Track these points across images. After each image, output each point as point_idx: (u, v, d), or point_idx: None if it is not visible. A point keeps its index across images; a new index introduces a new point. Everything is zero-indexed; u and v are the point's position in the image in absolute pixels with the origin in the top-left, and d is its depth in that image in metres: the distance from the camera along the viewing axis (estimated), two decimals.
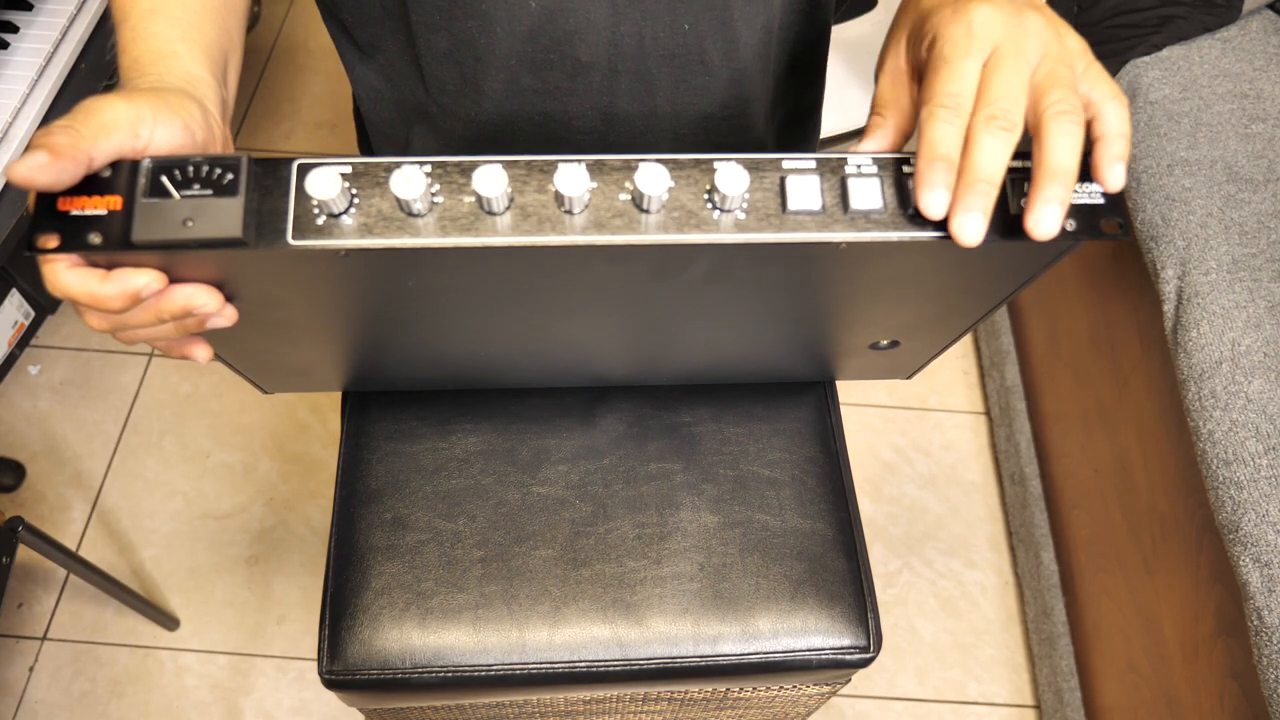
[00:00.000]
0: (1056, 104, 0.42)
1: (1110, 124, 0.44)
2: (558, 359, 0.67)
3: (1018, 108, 0.42)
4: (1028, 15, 0.44)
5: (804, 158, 0.44)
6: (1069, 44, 0.45)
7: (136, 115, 0.42)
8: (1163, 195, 1.03)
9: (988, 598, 1.39)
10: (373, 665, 0.68)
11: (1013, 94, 0.42)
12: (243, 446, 1.46)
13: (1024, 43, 0.43)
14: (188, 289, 0.44)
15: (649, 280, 0.49)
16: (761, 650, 0.70)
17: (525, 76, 0.62)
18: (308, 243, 0.41)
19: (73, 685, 1.28)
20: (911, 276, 0.49)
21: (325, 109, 1.81)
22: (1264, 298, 0.94)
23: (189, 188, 0.40)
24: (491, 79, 0.62)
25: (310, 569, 1.37)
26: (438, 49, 0.62)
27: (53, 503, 1.40)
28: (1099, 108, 0.44)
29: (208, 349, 0.51)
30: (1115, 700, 1.15)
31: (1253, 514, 0.85)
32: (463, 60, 0.62)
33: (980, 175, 0.41)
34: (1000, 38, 0.43)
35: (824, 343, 0.65)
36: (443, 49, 0.61)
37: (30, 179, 0.39)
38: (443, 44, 0.61)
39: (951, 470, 1.49)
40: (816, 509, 0.75)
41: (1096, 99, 0.44)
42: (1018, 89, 0.42)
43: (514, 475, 0.74)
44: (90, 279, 0.41)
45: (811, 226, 0.43)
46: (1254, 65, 1.10)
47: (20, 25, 1.08)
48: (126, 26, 0.50)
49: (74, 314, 1.55)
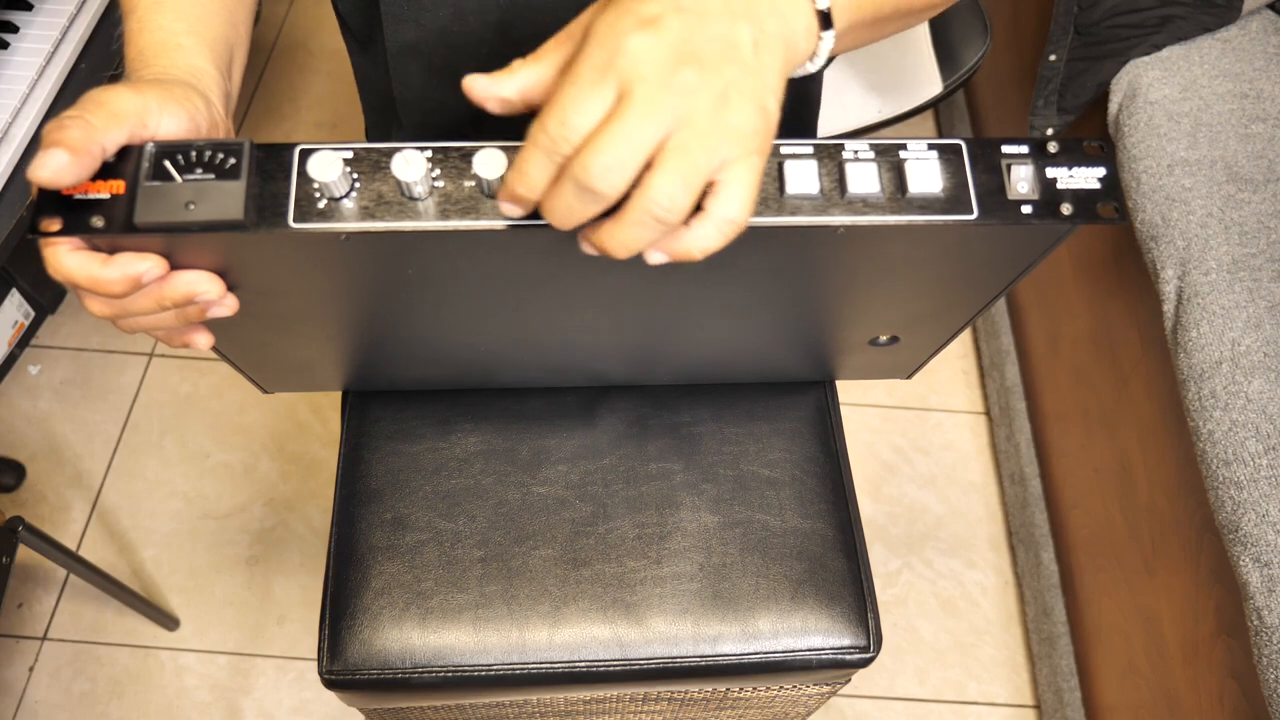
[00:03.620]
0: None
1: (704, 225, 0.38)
2: (557, 356, 0.67)
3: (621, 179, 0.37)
4: (701, 57, 0.36)
5: (801, 143, 0.44)
6: (736, 115, 0.37)
7: (144, 105, 0.42)
8: (1163, 195, 1.03)
9: (988, 598, 1.39)
10: (373, 665, 0.68)
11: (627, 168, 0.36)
12: (243, 446, 1.46)
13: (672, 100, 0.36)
14: (189, 275, 0.44)
15: (647, 270, 0.49)
16: (761, 650, 0.70)
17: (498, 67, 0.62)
18: (309, 226, 0.41)
19: (73, 685, 1.28)
20: (909, 263, 0.49)
21: (325, 108, 1.81)
22: (1264, 298, 0.94)
23: (191, 171, 0.41)
24: (464, 69, 0.62)
25: (310, 569, 1.37)
26: (403, 40, 0.61)
27: (53, 503, 1.40)
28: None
29: (209, 336, 0.51)
30: (1115, 700, 1.15)
31: (1253, 514, 0.85)
32: (431, 52, 0.61)
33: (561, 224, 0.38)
34: (649, 76, 0.36)
35: (823, 339, 0.65)
36: (408, 40, 0.61)
37: (55, 180, 0.39)
38: (409, 35, 0.61)
39: (951, 470, 1.49)
40: (816, 509, 0.75)
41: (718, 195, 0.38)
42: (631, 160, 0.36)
43: (514, 475, 0.74)
44: (92, 263, 0.41)
45: (809, 210, 0.43)
46: (1254, 65, 1.10)
47: (20, 25, 1.08)
48: (134, 18, 0.50)
49: (74, 314, 1.55)
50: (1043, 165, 0.44)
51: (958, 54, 1.42)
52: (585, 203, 0.37)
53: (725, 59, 0.37)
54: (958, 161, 0.44)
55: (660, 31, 0.37)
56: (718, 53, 0.37)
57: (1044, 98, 1.22)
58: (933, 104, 1.42)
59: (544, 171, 0.38)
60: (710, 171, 0.37)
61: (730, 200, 0.38)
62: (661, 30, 0.37)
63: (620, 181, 0.37)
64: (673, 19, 0.37)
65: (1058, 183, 0.44)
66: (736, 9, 0.38)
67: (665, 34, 0.37)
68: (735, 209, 0.38)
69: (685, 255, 0.39)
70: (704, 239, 0.39)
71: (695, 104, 0.37)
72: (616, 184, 0.37)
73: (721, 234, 0.39)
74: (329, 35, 1.89)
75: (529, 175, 0.38)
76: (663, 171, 0.36)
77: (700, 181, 0.37)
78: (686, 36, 0.37)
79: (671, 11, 0.37)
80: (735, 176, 0.38)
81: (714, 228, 0.38)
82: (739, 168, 0.38)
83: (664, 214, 0.37)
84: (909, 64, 1.44)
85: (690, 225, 0.38)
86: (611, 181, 0.36)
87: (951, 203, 0.43)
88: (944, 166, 0.44)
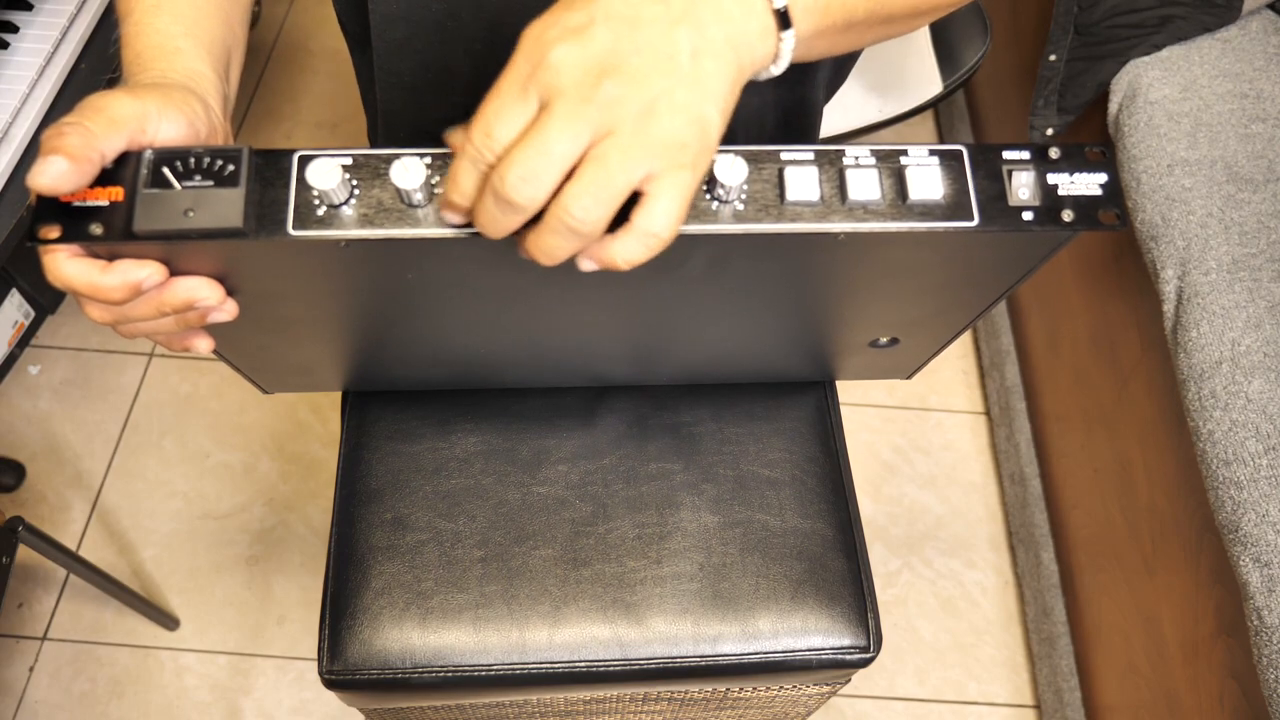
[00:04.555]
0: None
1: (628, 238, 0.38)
2: (557, 357, 0.67)
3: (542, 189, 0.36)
4: (623, 71, 0.36)
5: (802, 149, 0.44)
6: (663, 127, 0.36)
7: (143, 110, 0.42)
8: (1163, 195, 1.03)
9: (988, 598, 1.39)
10: (373, 665, 0.68)
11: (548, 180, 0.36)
12: (243, 446, 1.46)
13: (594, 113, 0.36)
14: (189, 281, 0.44)
15: (648, 273, 0.49)
16: (761, 650, 0.70)
17: (492, 66, 0.62)
18: (308, 233, 0.41)
19: (73, 685, 1.28)
20: (909, 269, 0.49)
21: (325, 109, 1.81)
22: (1264, 298, 0.94)
23: (190, 178, 0.41)
24: (458, 66, 0.62)
25: (310, 569, 1.37)
26: (394, 37, 0.61)
27: (53, 503, 1.40)
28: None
29: (209, 340, 0.51)
30: (1115, 700, 1.15)
31: (1253, 514, 0.85)
32: (424, 49, 0.61)
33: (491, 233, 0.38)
34: (569, 88, 0.36)
35: (824, 340, 0.65)
36: (399, 38, 0.61)
37: (55, 187, 0.39)
38: (399, 33, 0.61)
39: (951, 470, 1.49)
40: (816, 509, 0.75)
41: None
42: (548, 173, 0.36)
43: (514, 475, 0.74)
44: (91, 270, 0.41)
45: (810, 217, 0.43)
46: (1254, 65, 1.10)
47: (20, 25, 1.08)
48: (130, 21, 0.50)
49: (74, 314, 1.55)
50: (1044, 171, 0.44)
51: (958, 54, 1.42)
52: (506, 213, 0.37)
53: (656, 69, 0.37)
54: (959, 168, 0.44)
55: (585, 42, 0.36)
56: (648, 63, 0.36)
57: (1044, 98, 1.22)
58: (933, 104, 1.42)
59: (471, 181, 0.38)
60: (630, 185, 0.37)
61: (652, 214, 0.37)
62: (587, 40, 0.36)
63: (536, 194, 0.36)
64: (601, 28, 0.36)
65: (1059, 189, 0.44)
66: (675, 14, 0.37)
67: (590, 44, 0.36)
68: (657, 223, 0.37)
69: (611, 265, 0.39)
70: (627, 251, 0.38)
71: (618, 116, 0.36)
72: (532, 196, 0.36)
73: (645, 247, 0.38)
74: (329, 35, 1.89)
75: (458, 184, 0.39)
76: (576, 185, 0.36)
77: (616, 195, 0.37)
78: (613, 47, 0.36)
79: (601, 20, 0.37)
80: (661, 190, 0.37)
81: (636, 241, 0.38)
82: (665, 181, 0.37)
83: (578, 226, 0.37)
84: (909, 64, 1.44)
85: (616, 235, 0.38)
86: (527, 194, 0.36)
87: (952, 209, 0.43)
88: (945, 173, 0.44)
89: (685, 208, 0.38)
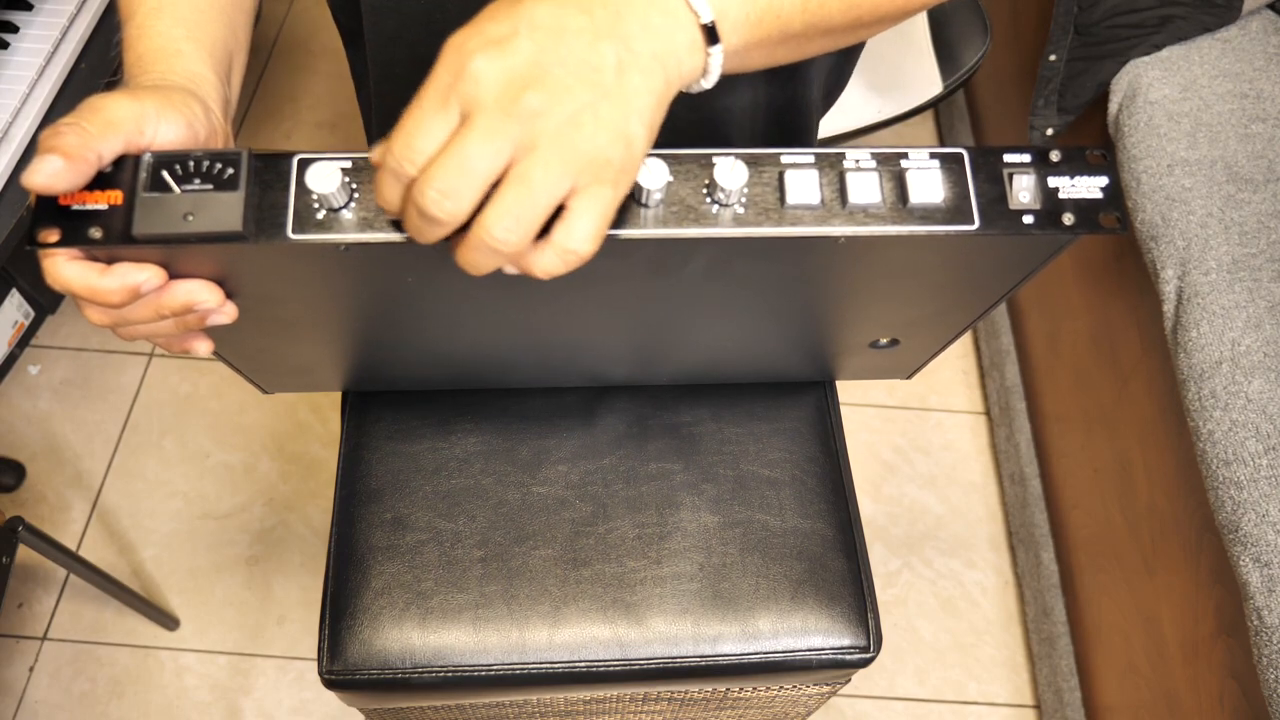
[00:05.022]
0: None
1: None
2: (557, 358, 0.67)
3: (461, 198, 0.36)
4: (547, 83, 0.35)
5: (802, 152, 0.44)
6: (586, 141, 0.36)
7: (141, 112, 0.42)
8: (1163, 195, 1.03)
9: (988, 598, 1.39)
10: (373, 665, 0.68)
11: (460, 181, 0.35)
12: (243, 446, 1.46)
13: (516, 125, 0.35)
14: (188, 285, 0.44)
15: (648, 275, 0.49)
16: (761, 650, 0.70)
17: None
18: (308, 237, 0.41)
19: (73, 685, 1.28)
20: (910, 271, 0.49)
21: (326, 109, 1.81)
22: (1264, 298, 0.94)
23: (190, 182, 0.40)
24: None
25: (310, 569, 1.37)
26: (386, 31, 0.61)
27: (53, 503, 1.40)
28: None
29: (209, 343, 0.51)
30: (1115, 700, 1.15)
31: (1253, 514, 0.85)
32: (415, 40, 0.61)
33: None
34: (490, 103, 0.35)
35: (824, 341, 0.65)
36: (390, 31, 0.61)
37: (49, 186, 0.39)
38: (390, 26, 0.60)
39: (951, 470, 1.49)
40: (816, 509, 0.75)
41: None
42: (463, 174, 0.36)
43: (514, 475, 0.74)
44: (90, 273, 0.41)
45: (810, 220, 0.43)
46: (1254, 65, 1.10)
47: (20, 25, 1.08)
48: (132, 24, 0.50)
49: (74, 314, 1.55)
50: (1045, 174, 0.44)
51: (958, 54, 1.42)
52: (429, 225, 0.37)
53: (580, 81, 0.36)
54: (959, 171, 0.44)
55: (507, 53, 0.35)
56: (572, 75, 0.36)
57: (1044, 98, 1.22)
58: (933, 104, 1.41)
59: (395, 193, 0.38)
60: (551, 203, 0.36)
61: (571, 231, 0.37)
62: (509, 52, 0.35)
63: (457, 209, 0.36)
64: (524, 40, 0.36)
65: (1060, 192, 0.44)
66: (601, 27, 0.37)
67: (512, 56, 0.35)
68: (576, 240, 0.37)
69: (529, 274, 0.39)
70: (545, 263, 0.38)
71: (539, 129, 0.35)
72: (453, 211, 0.36)
73: (563, 262, 0.38)
74: (329, 35, 1.89)
75: (383, 196, 0.38)
76: (497, 205, 0.36)
77: (537, 216, 0.36)
78: (536, 58, 0.36)
79: (525, 31, 0.36)
80: (582, 207, 0.37)
81: (555, 256, 0.38)
82: (586, 197, 0.37)
83: (499, 245, 0.36)
84: (909, 64, 1.44)
85: (536, 246, 0.38)
86: (447, 209, 0.36)
87: (953, 213, 0.43)
88: (946, 176, 0.43)
89: (605, 225, 0.38)
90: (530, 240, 0.37)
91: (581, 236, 0.37)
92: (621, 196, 0.38)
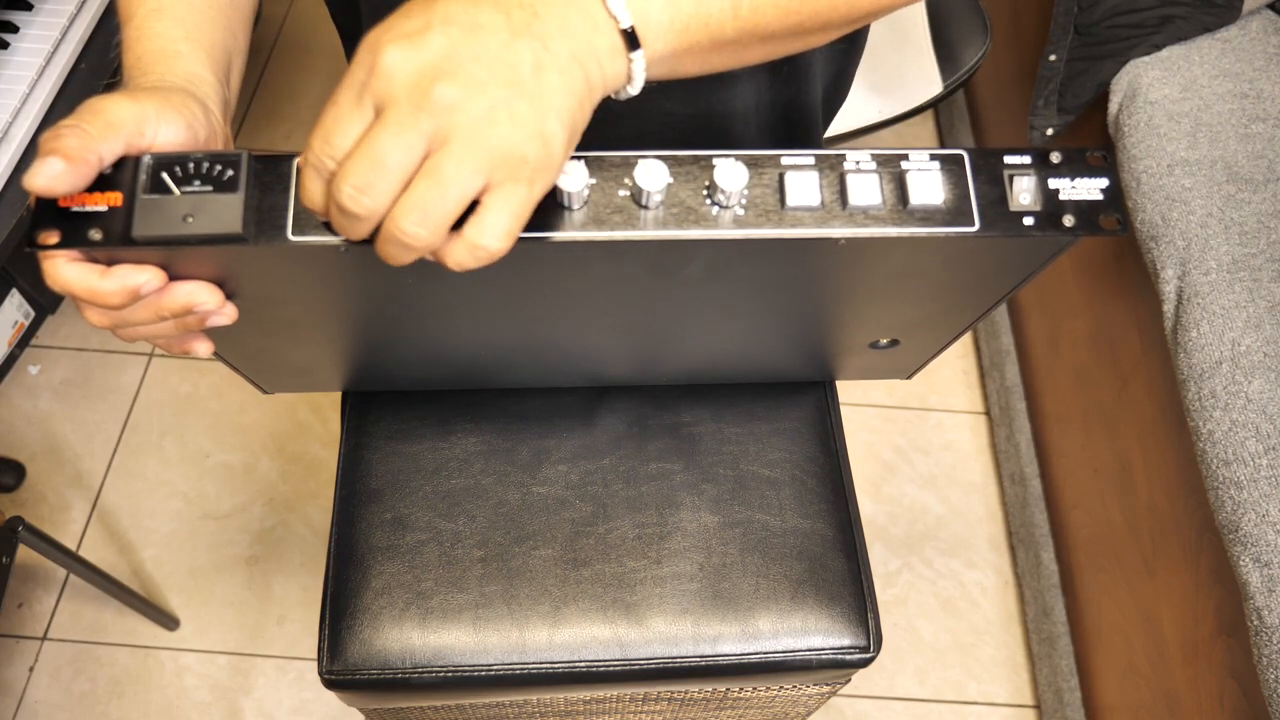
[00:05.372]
0: None
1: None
2: (557, 358, 0.67)
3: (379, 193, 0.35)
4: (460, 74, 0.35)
5: (803, 154, 0.44)
6: (501, 137, 0.35)
7: (142, 114, 0.42)
8: (1163, 195, 1.03)
9: (988, 598, 1.39)
10: (373, 665, 0.68)
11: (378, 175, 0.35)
12: (243, 446, 1.46)
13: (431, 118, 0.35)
14: (188, 286, 0.44)
15: (648, 277, 0.49)
16: (761, 650, 0.70)
17: None
18: (307, 239, 0.41)
19: (73, 685, 1.28)
20: (910, 273, 0.49)
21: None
22: (1264, 298, 0.94)
23: (189, 184, 0.40)
24: None
25: (310, 569, 1.37)
26: None
27: (53, 503, 1.40)
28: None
29: (209, 344, 0.51)
30: (1115, 700, 1.15)
31: (1253, 514, 0.85)
32: None
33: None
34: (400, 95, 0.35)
35: (824, 342, 0.65)
36: None
37: (51, 189, 0.39)
38: None
39: (951, 470, 1.49)
40: (816, 509, 0.75)
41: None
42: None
43: (514, 475, 0.74)
44: (90, 275, 0.41)
45: (810, 222, 0.43)
46: (1254, 65, 1.10)
47: (20, 25, 1.08)
48: (131, 25, 0.50)
49: (74, 314, 1.55)
50: (1045, 176, 0.44)
51: (958, 54, 1.42)
52: (350, 221, 0.37)
53: (494, 78, 0.35)
54: (959, 172, 0.44)
55: (420, 47, 0.35)
56: (486, 70, 0.35)
57: (1044, 98, 1.22)
58: (933, 104, 1.41)
59: (318, 189, 0.38)
60: (463, 199, 0.36)
61: (483, 227, 0.36)
62: (422, 46, 0.35)
63: (374, 205, 0.35)
64: (437, 35, 0.35)
65: (1060, 194, 0.43)
66: (518, 26, 0.36)
67: (425, 50, 0.35)
68: (487, 236, 0.36)
69: (442, 264, 0.38)
70: (457, 255, 0.37)
71: (455, 123, 0.35)
72: (370, 207, 0.35)
73: (474, 258, 0.37)
74: (329, 35, 1.89)
75: (307, 192, 0.38)
76: (407, 199, 0.35)
77: (448, 213, 0.36)
78: (449, 53, 0.35)
79: (438, 26, 0.36)
80: (494, 203, 0.36)
81: (466, 250, 0.37)
82: (499, 194, 0.36)
83: (409, 240, 0.36)
84: (909, 64, 1.44)
85: (450, 238, 0.37)
86: (364, 204, 0.35)
87: (953, 214, 0.43)
88: (946, 177, 0.43)
89: (518, 223, 0.37)
90: (441, 236, 0.36)
91: (493, 233, 0.37)
92: (538, 196, 0.38)
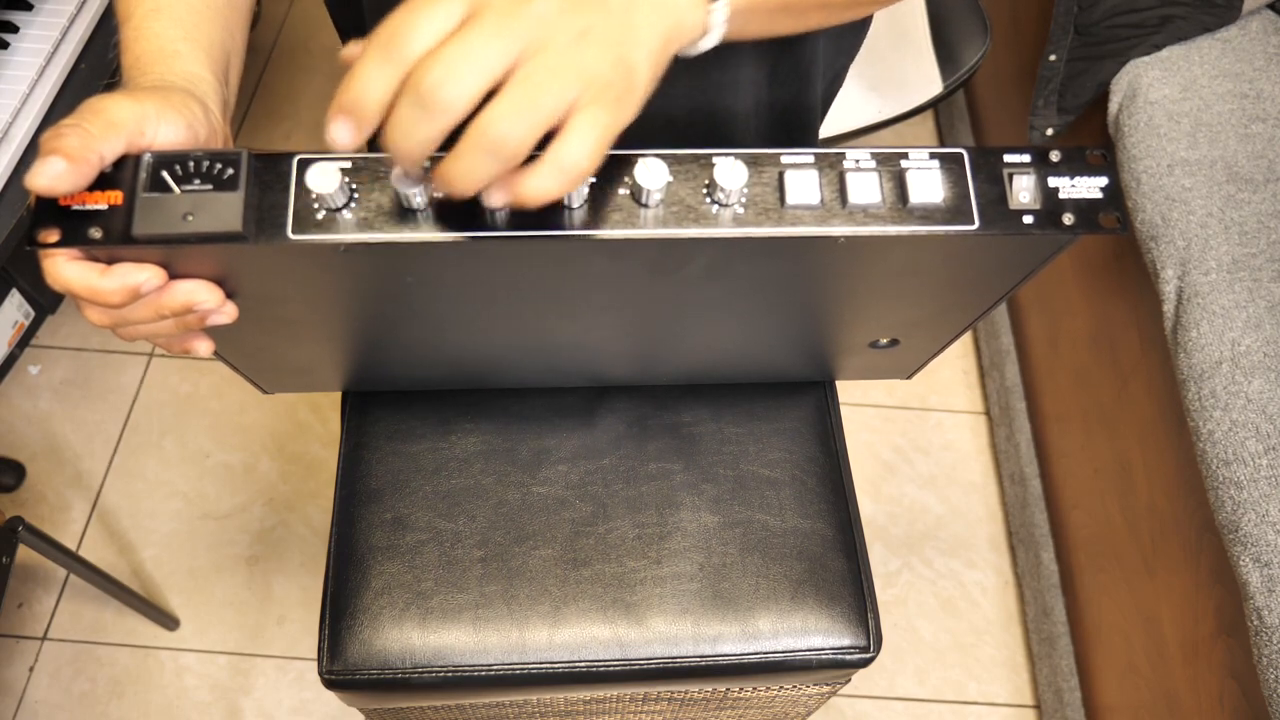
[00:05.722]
0: None
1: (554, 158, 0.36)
2: (558, 358, 0.67)
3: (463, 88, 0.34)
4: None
5: (802, 152, 0.44)
6: (592, 57, 0.35)
7: (142, 113, 0.42)
8: (1163, 195, 1.03)
9: (988, 598, 1.39)
10: (373, 665, 0.68)
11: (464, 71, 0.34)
12: (243, 446, 1.46)
13: None
14: (188, 285, 0.44)
15: (648, 276, 0.49)
16: (761, 650, 0.70)
17: None
18: (307, 237, 0.41)
19: (73, 685, 1.28)
20: (910, 271, 0.49)
21: (325, 109, 1.81)
22: (1264, 298, 0.94)
23: (189, 182, 0.41)
24: None
25: (310, 569, 1.37)
26: None
27: (53, 503, 1.40)
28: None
29: (209, 343, 0.51)
30: (1115, 700, 1.15)
31: (1253, 514, 0.85)
32: None
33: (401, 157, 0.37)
34: None
35: (824, 341, 0.65)
36: None
37: (52, 188, 0.39)
38: None
39: (951, 470, 1.49)
40: (816, 509, 0.75)
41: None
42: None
43: (514, 475, 0.74)
44: (90, 273, 0.41)
45: (810, 221, 0.43)
46: (1254, 65, 1.10)
47: (20, 25, 1.08)
48: (129, 25, 0.50)
49: (74, 314, 1.55)
50: (1045, 175, 0.44)
51: (958, 54, 1.42)
52: (422, 119, 0.35)
53: (589, 3, 0.35)
54: (959, 171, 0.44)
55: None
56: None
57: (1044, 98, 1.22)
58: (933, 104, 1.41)
59: (382, 81, 0.35)
60: (555, 110, 0.35)
61: (569, 145, 0.36)
62: None
63: (460, 95, 0.34)
64: None
65: (1060, 192, 0.44)
66: None
67: None
68: (573, 156, 0.36)
69: (521, 199, 0.37)
70: (540, 182, 0.36)
71: (549, 34, 0.35)
72: (456, 97, 0.34)
73: (558, 180, 0.36)
74: (329, 35, 1.89)
75: (366, 85, 0.36)
76: (503, 100, 0.34)
77: (542, 118, 0.35)
78: None
79: None
80: (581, 123, 0.36)
81: (550, 173, 0.36)
82: (587, 114, 0.36)
83: (500, 143, 0.35)
84: (909, 64, 1.44)
85: (529, 167, 0.37)
86: (450, 93, 0.34)
87: (953, 213, 0.43)
88: (945, 176, 0.43)
89: (604, 147, 0.37)
90: (529, 145, 0.35)
91: (579, 152, 0.36)
92: (621, 124, 0.37)
